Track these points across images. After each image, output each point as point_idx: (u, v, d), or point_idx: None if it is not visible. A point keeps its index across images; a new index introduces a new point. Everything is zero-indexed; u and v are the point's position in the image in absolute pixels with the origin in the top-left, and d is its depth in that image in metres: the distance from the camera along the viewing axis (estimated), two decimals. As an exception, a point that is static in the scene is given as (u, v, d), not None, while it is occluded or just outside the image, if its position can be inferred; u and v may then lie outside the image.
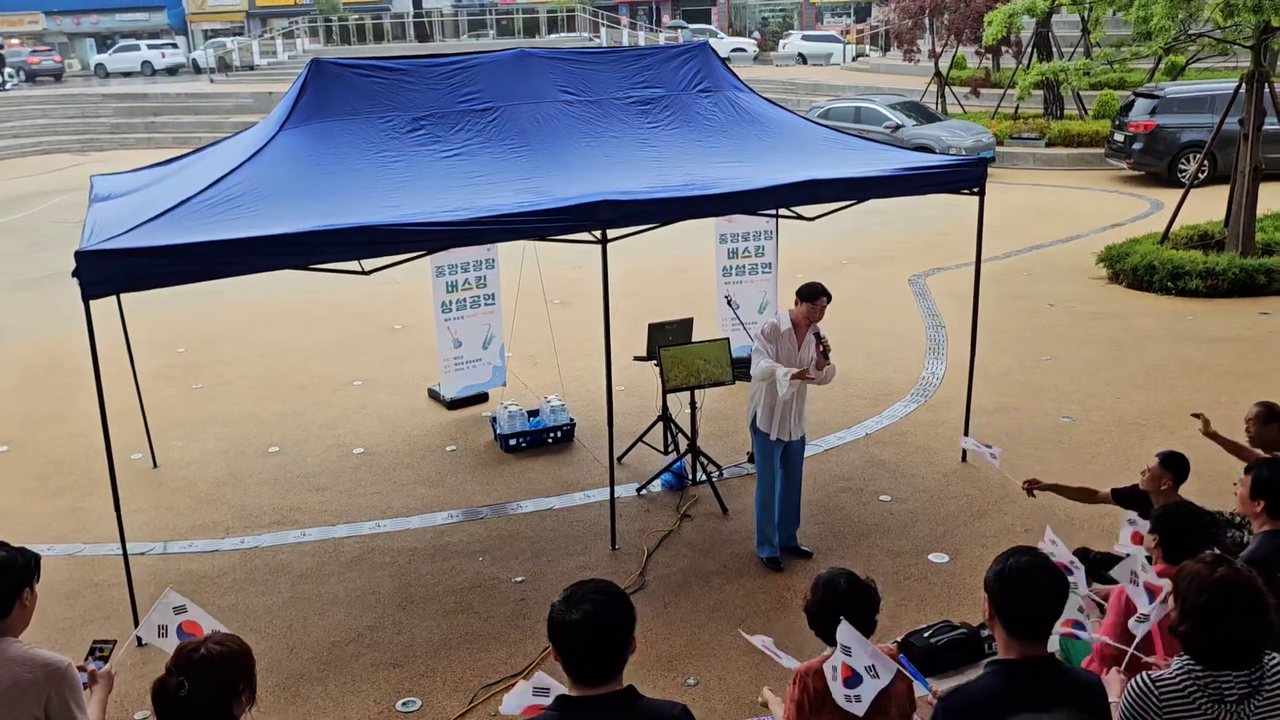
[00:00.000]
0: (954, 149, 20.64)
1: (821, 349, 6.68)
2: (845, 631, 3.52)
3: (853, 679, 3.52)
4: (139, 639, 4.09)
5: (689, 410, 8.06)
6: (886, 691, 3.54)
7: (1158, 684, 3.08)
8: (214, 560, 7.39)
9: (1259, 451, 5.64)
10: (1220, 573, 3.09)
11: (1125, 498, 5.64)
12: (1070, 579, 4.93)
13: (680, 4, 57.28)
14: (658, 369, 8.03)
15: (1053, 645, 4.53)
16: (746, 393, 7.02)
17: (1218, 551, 3.36)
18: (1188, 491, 5.41)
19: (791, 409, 6.80)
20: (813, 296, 6.63)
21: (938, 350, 11.21)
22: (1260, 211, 13.68)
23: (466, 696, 5.76)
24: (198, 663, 2.96)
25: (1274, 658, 3.12)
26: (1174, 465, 5.31)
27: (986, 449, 6.12)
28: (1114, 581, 4.42)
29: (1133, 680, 3.16)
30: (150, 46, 50.24)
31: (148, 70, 48.87)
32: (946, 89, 26.91)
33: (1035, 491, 5.94)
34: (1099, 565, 5.74)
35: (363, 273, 7.44)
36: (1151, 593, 3.87)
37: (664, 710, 2.95)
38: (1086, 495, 5.98)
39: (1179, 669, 3.09)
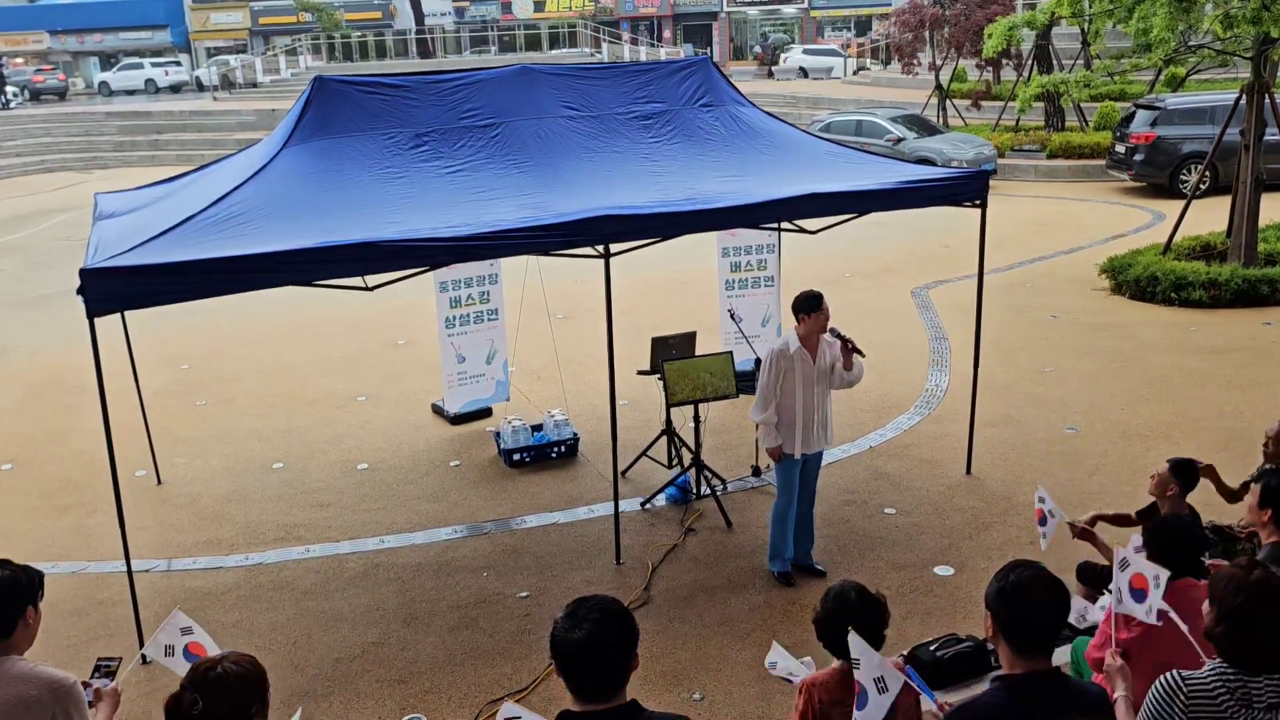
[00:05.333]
0: (955, 161, 20.68)
1: (849, 346, 6.69)
2: (854, 642, 3.51)
3: (860, 698, 3.49)
4: (144, 656, 4.09)
5: (693, 424, 8.06)
6: (893, 703, 3.53)
7: (1187, 682, 3.10)
8: (218, 577, 7.38)
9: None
10: (1256, 575, 3.12)
11: (1146, 516, 5.62)
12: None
13: (681, 20, 57.48)
14: (661, 383, 8.03)
15: (1064, 655, 4.52)
16: (750, 407, 7.01)
17: (1254, 559, 3.39)
18: (1197, 504, 5.40)
19: (814, 421, 6.79)
20: (816, 306, 6.60)
21: (941, 362, 11.21)
22: (1262, 222, 13.68)
23: (472, 712, 5.74)
24: (213, 681, 2.96)
25: None
26: (1182, 473, 5.31)
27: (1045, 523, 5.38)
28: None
29: (1161, 677, 3.17)
30: (154, 64, 50.54)
31: (151, 88, 49.12)
32: (947, 102, 26.98)
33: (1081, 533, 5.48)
34: (1108, 580, 5.71)
35: (366, 288, 7.45)
36: (1138, 590, 3.84)
37: None
38: (1122, 521, 5.91)
39: (1210, 671, 3.11)
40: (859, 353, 6.75)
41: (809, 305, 6.59)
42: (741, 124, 8.20)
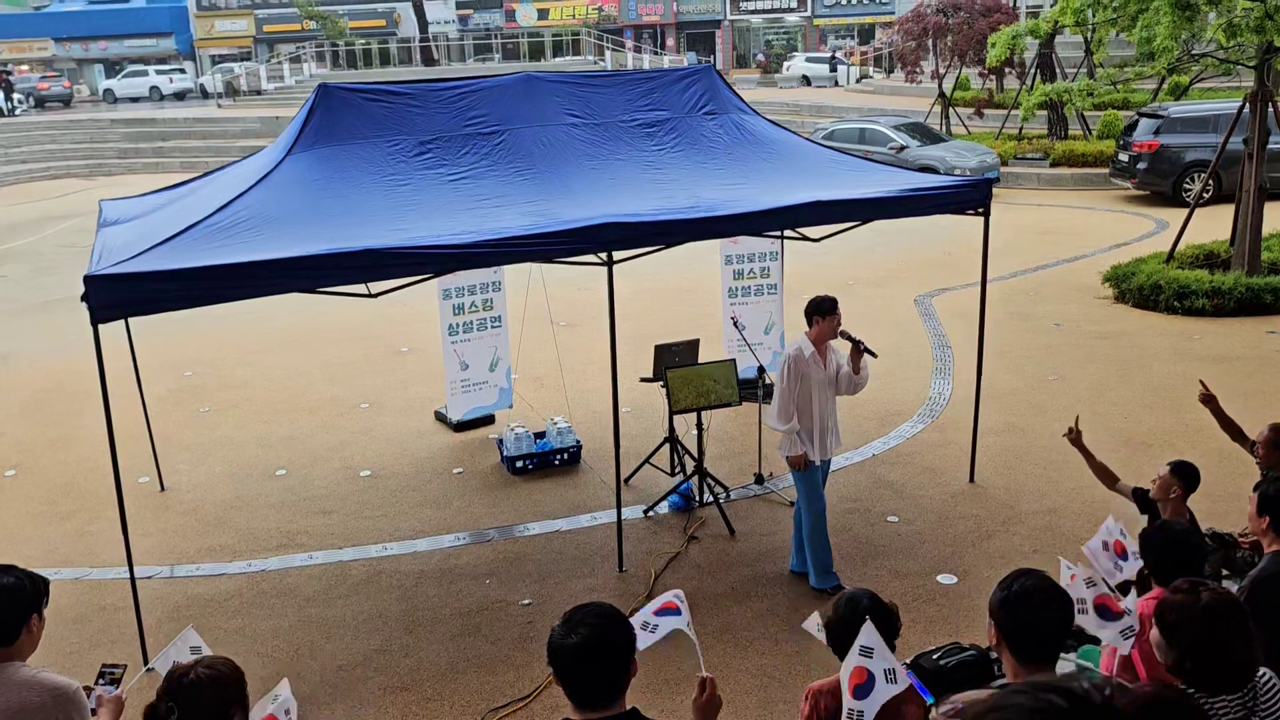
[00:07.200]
0: (958, 170, 20.68)
1: (861, 347, 6.73)
2: (868, 633, 3.51)
3: (864, 686, 3.49)
4: (150, 668, 4.09)
5: (695, 432, 8.06)
6: (898, 711, 3.52)
7: None
8: (221, 584, 7.38)
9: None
10: (1205, 599, 3.06)
11: (1141, 499, 5.65)
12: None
13: (684, 29, 57.57)
14: (664, 390, 8.03)
15: (1068, 665, 4.48)
16: (753, 414, 7.02)
17: (1192, 579, 3.34)
18: (1197, 510, 5.40)
19: (828, 426, 6.83)
20: (831, 309, 6.65)
21: (944, 370, 11.20)
22: (1266, 230, 13.68)
23: (474, 720, 5.74)
24: (187, 688, 2.96)
25: (1265, 675, 3.09)
26: (1184, 475, 5.32)
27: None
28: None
29: None
30: (158, 72, 50.63)
31: (155, 95, 49.23)
32: (950, 110, 26.99)
33: (1071, 439, 6.04)
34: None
35: (369, 295, 7.46)
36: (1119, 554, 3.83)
37: None
38: (1107, 477, 5.97)
39: None
40: (871, 353, 6.78)
41: (824, 308, 6.64)
42: (744, 132, 8.21)
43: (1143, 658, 3.96)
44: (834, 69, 43.36)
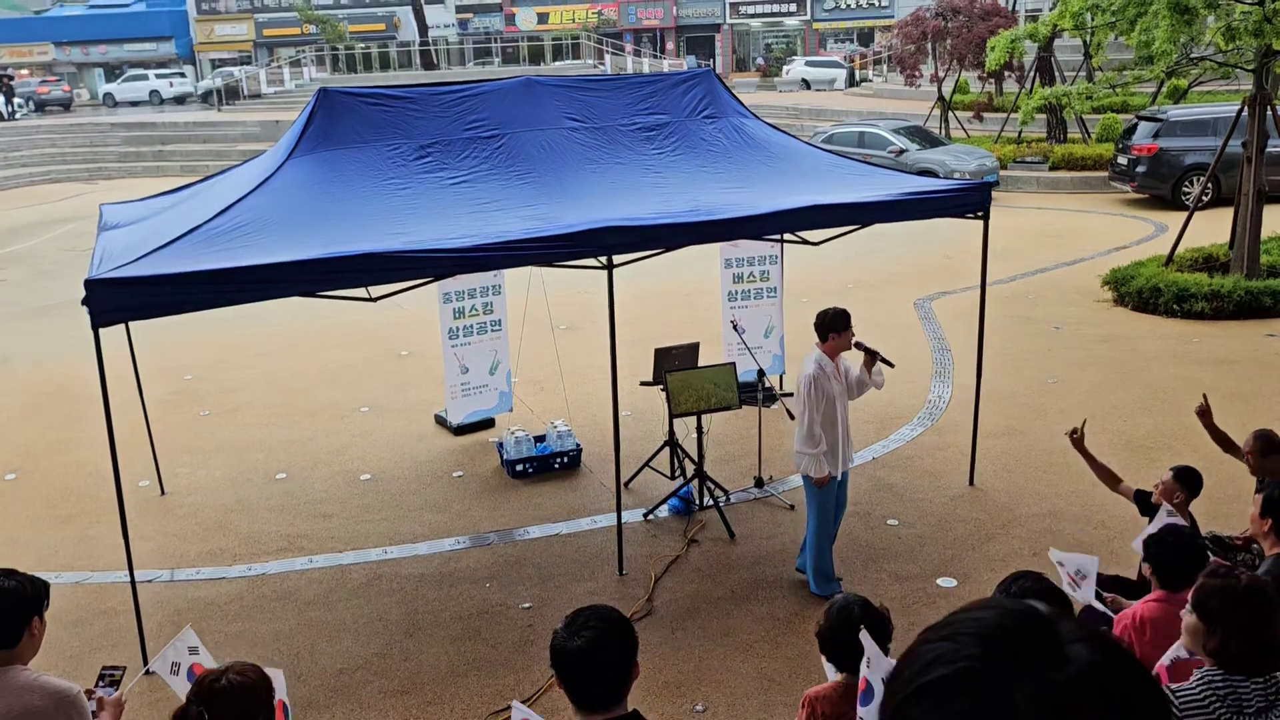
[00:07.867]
0: (958, 173, 20.68)
1: (879, 358, 6.78)
2: (865, 641, 3.52)
3: (866, 693, 3.50)
4: (149, 670, 4.10)
5: (695, 435, 8.06)
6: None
7: (1178, 695, 3.09)
8: (221, 587, 7.39)
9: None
10: (1245, 581, 3.13)
11: (1142, 501, 5.66)
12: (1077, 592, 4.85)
13: (684, 32, 57.64)
14: (664, 394, 8.03)
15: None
16: (753, 418, 7.00)
17: (1226, 565, 3.38)
18: (1197, 512, 5.41)
19: (849, 437, 6.87)
20: (847, 324, 6.64)
21: (943, 374, 11.21)
22: (1265, 234, 13.69)
23: (474, 723, 5.74)
24: (218, 693, 2.99)
25: None
26: (1187, 480, 5.34)
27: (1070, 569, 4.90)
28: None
29: None
30: (158, 76, 50.64)
31: (155, 99, 49.25)
32: (950, 114, 27.01)
33: (1074, 441, 6.02)
34: (1109, 588, 5.72)
35: (370, 299, 7.47)
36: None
37: None
38: (1110, 479, 5.99)
39: (1198, 681, 3.11)
40: (888, 363, 6.83)
41: (840, 323, 6.61)
42: (744, 135, 8.23)
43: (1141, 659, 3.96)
44: (850, 73, 43.48)
